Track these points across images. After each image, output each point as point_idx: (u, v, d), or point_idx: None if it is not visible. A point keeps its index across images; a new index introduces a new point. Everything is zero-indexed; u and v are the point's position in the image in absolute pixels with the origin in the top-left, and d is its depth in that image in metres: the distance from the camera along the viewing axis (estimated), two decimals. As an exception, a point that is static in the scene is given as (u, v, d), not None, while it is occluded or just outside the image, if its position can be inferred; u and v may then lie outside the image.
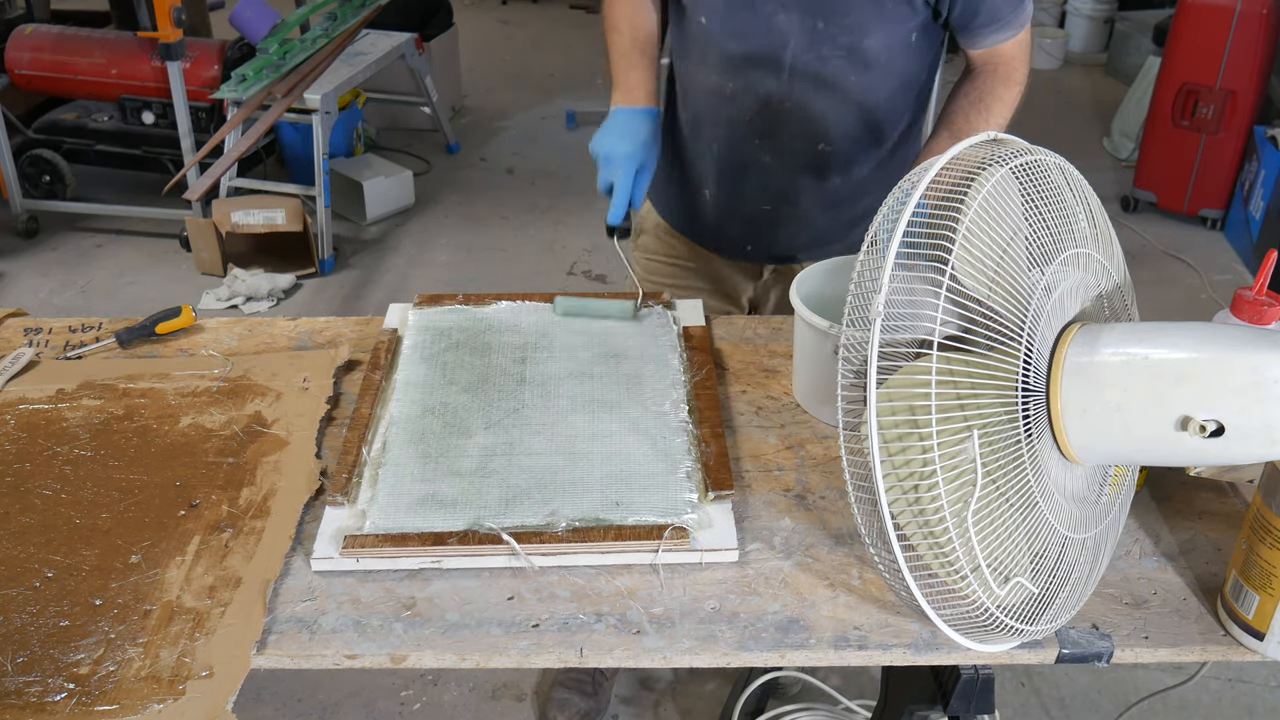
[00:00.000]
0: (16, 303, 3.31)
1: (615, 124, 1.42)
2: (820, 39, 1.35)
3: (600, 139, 1.41)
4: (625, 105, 1.44)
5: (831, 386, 1.10)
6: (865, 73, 1.39)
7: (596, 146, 1.41)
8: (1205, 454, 0.88)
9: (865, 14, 1.34)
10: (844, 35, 1.35)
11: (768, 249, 1.61)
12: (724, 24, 1.39)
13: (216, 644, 0.97)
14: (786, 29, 1.36)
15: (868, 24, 1.35)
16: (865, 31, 1.35)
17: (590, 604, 1.02)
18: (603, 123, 1.42)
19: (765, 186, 1.51)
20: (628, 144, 1.39)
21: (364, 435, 1.20)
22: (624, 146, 1.39)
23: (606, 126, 1.41)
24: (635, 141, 1.40)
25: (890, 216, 0.91)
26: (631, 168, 1.38)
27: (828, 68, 1.38)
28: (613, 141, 1.40)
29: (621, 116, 1.43)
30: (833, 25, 1.34)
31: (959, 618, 0.92)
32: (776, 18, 1.35)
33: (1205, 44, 3.68)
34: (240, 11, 3.70)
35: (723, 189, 1.54)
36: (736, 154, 1.50)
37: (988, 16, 1.37)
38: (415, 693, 2.07)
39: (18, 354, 1.37)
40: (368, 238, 3.84)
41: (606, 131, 1.41)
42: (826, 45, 1.36)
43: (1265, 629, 0.98)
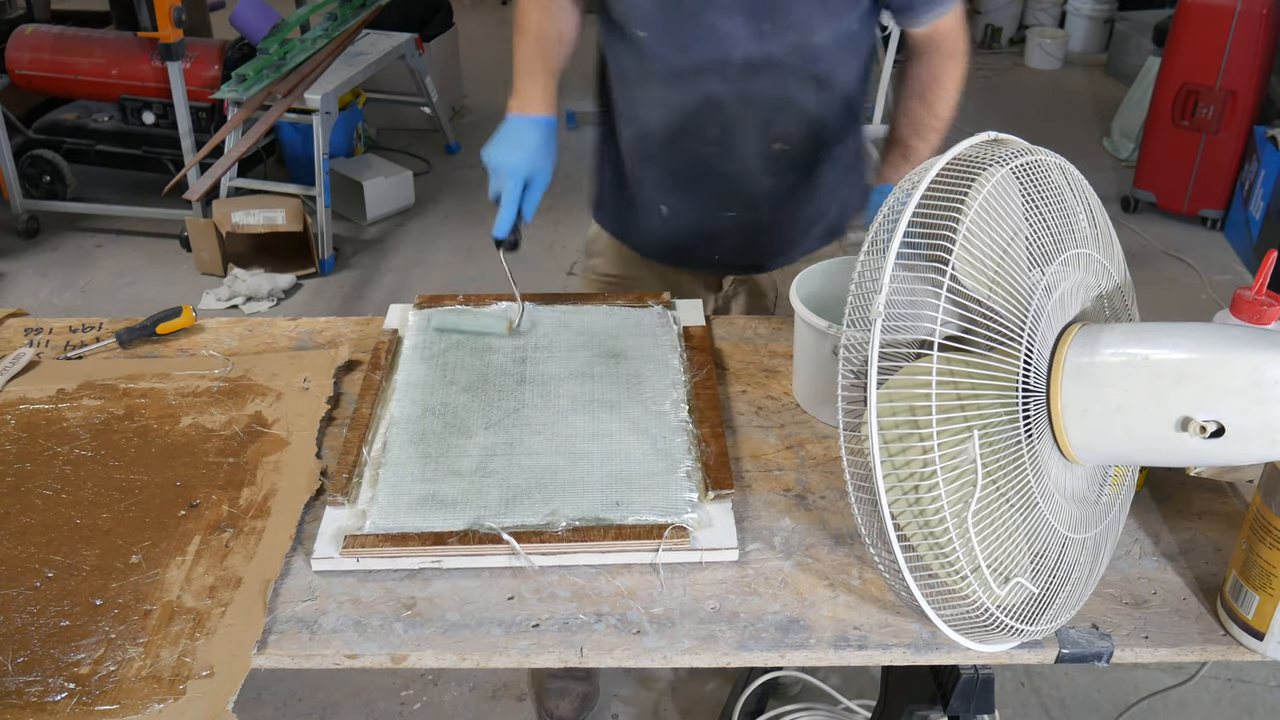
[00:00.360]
0: (17, 303, 3.31)
1: (506, 133, 1.38)
2: (767, 40, 1.34)
3: (490, 148, 1.37)
4: (518, 113, 1.40)
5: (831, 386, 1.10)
6: (814, 68, 1.38)
7: (486, 155, 1.37)
8: (1205, 454, 0.88)
9: (809, 10, 1.33)
10: (791, 33, 1.34)
11: (733, 258, 1.59)
12: (665, 36, 1.37)
13: (217, 644, 0.97)
14: (732, 34, 1.34)
15: (812, 20, 1.34)
16: (811, 28, 1.34)
17: (590, 604, 1.02)
18: (497, 130, 1.38)
19: (725, 193, 1.49)
20: (517, 154, 1.36)
21: (364, 435, 1.20)
22: (513, 156, 1.36)
23: (498, 135, 1.38)
24: (524, 151, 1.37)
25: (890, 216, 0.91)
26: (519, 178, 1.35)
27: (777, 67, 1.37)
28: (502, 151, 1.36)
29: (513, 125, 1.39)
30: (779, 24, 1.33)
31: (959, 618, 0.92)
32: (719, 24, 1.33)
33: (1205, 44, 3.68)
34: (240, 11, 3.70)
35: (680, 203, 1.52)
36: (692, 165, 1.47)
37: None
38: (415, 693, 2.07)
39: (18, 354, 1.37)
40: (368, 238, 3.84)
41: (497, 140, 1.38)
42: (774, 45, 1.35)
43: (1265, 629, 0.98)
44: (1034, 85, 5.42)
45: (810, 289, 1.30)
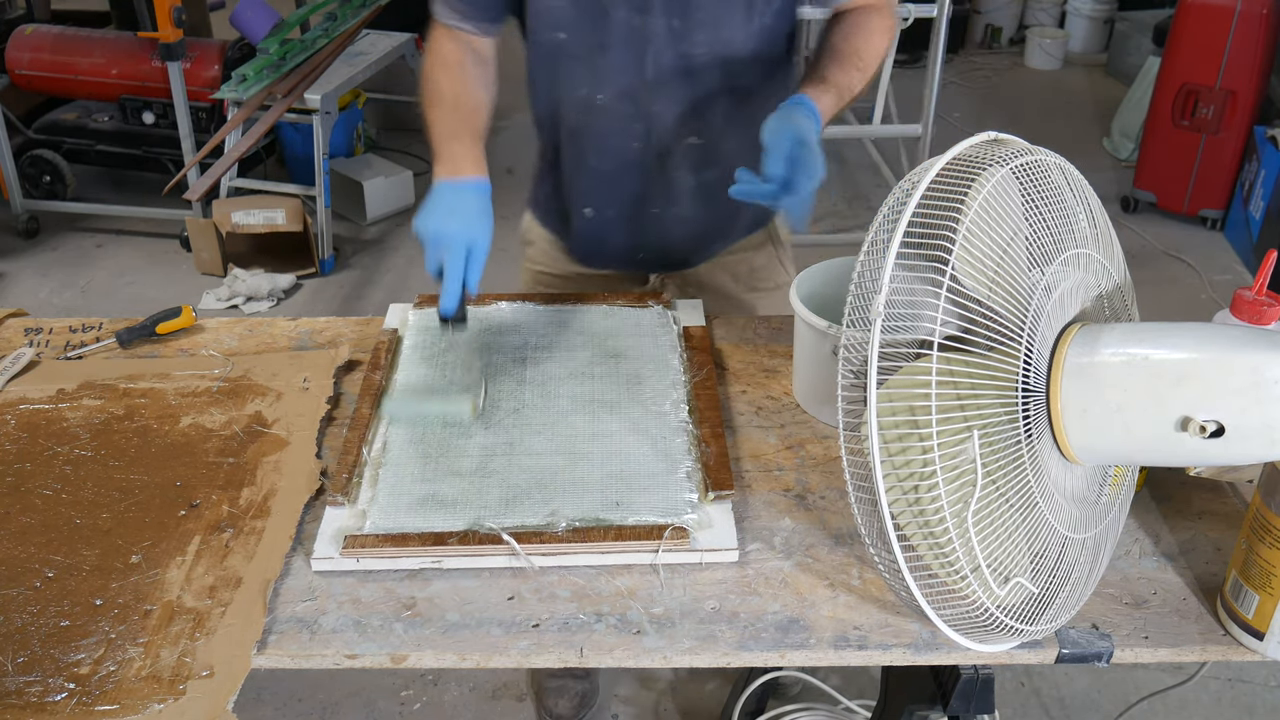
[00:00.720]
0: (17, 303, 3.31)
1: (440, 200, 1.27)
2: (679, 35, 1.34)
3: (425, 217, 1.26)
4: (449, 179, 1.30)
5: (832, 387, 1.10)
6: (728, 60, 1.38)
7: (421, 226, 1.26)
8: (1205, 454, 0.88)
9: (720, 5, 1.33)
10: (700, 30, 1.34)
11: (659, 256, 1.58)
12: (583, 37, 1.36)
13: (217, 644, 0.97)
14: (645, 30, 1.34)
15: (723, 14, 1.34)
16: (721, 22, 1.34)
17: (590, 604, 1.02)
18: (426, 200, 1.28)
19: (647, 192, 1.48)
20: (455, 221, 1.26)
21: (364, 435, 1.20)
22: (451, 225, 1.25)
23: (431, 204, 1.27)
24: (462, 218, 1.26)
25: (891, 217, 0.91)
26: (462, 249, 1.24)
27: (691, 62, 1.36)
28: (439, 219, 1.25)
29: (446, 192, 1.29)
30: (689, 20, 1.33)
31: (959, 618, 0.92)
32: (633, 21, 1.33)
33: (1205, 44, 3.68)
34: (240, 11, 3.70)
35: (605, 202, 1.50)
36: (614, 163, 1.46)
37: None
38: (415, 693, 2.07)
39: (18, 354, 1.37)
40: (368, 238, 3.84)
41: (431, 209, 1.26)
42: (686, 41, 1.35)
43: (1265, 629, 0.98)
44: (1034, 85, 5.42)
45: (810, 289, 1.30)
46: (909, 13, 3.40)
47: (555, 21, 1.36)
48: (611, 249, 1.57)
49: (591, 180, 1.49)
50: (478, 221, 1.27)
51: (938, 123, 3.70)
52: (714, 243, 1.57)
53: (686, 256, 1.59)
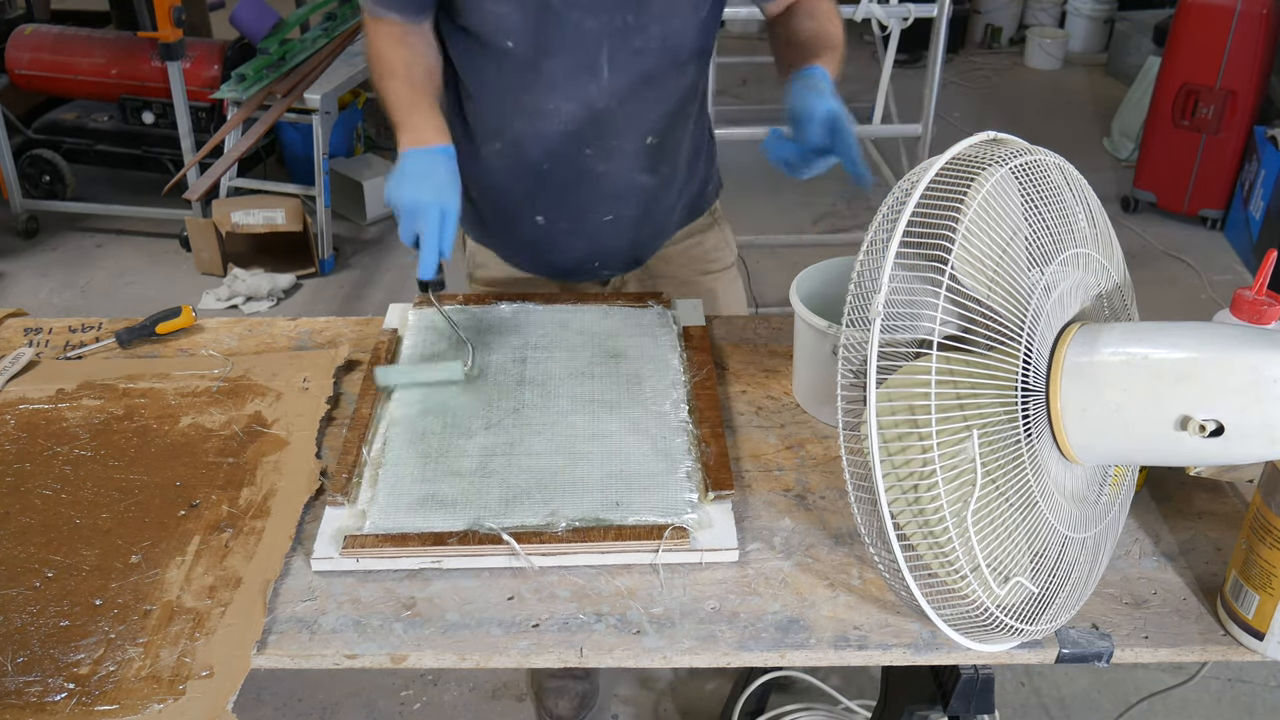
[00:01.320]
0: (16, 303, 3.31)
1: (409, 168, 1.28)
2: (632, 33, 1.33)
3: (398, 187, 1.27)
4: (415, 147, 1.30)
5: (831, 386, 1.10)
6: (676, 56, 1.38)
7: (394, 196, 1.26)
8: (1205, 454, 0.88)
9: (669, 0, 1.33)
10: (654, 24, 1.34)
11: (614, 260, 1.56)
12: (533, 43, 1.34)
13: (216, 644, 0.97)
14: (598, 32, 1.33)
15: (672, 7, 1.34)
16: (671, 14, 1.34)
17: (590, 604, 1.02)
18: (394, 170, 1.29)
19: (602, 196, 1.47)
20: (428, 189, 1.26)
21: (364, 435, 1.20)
22: (425, 192, 1.26)
23: (400, 172, 1.28)
24: (435, 185, 1.27)
25: (890, 216, 0.91)
26: (435, 214, 1.25)
27: (644, 60, 1.36)
28: (412, 188, 1.26)
29: (415, 159, 1.29)
30: (642, 16, 1.33)
31: (959, 618, 0.92)
32: (586, 22, 1.32)
33: (1205, 44, 3.68)
34: (240, 11, 3.70)
35: (557, 210, 1.48)
36: (568, 170, 1.44)
37: None
38: (415, 693, 2.07)
39: (18, 354, 1.37)
40: (368, 238, 3.84)
41: (401, 178, 1.27)
42: (639, 38, 1.34)
43: (1265, 629, 0.98)
44: (1034, 85, 5.42)
45: (810, 289, 1.30)
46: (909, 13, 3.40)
47: (502, 29, 1.33)
48: (564, 258, 1.55)
49: (542, 189, 1.46)
50: (448, 187, 1.28)
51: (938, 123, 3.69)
52: (666, 234, 1.57)
53: (639, 255, 1.58)
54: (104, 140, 3.81)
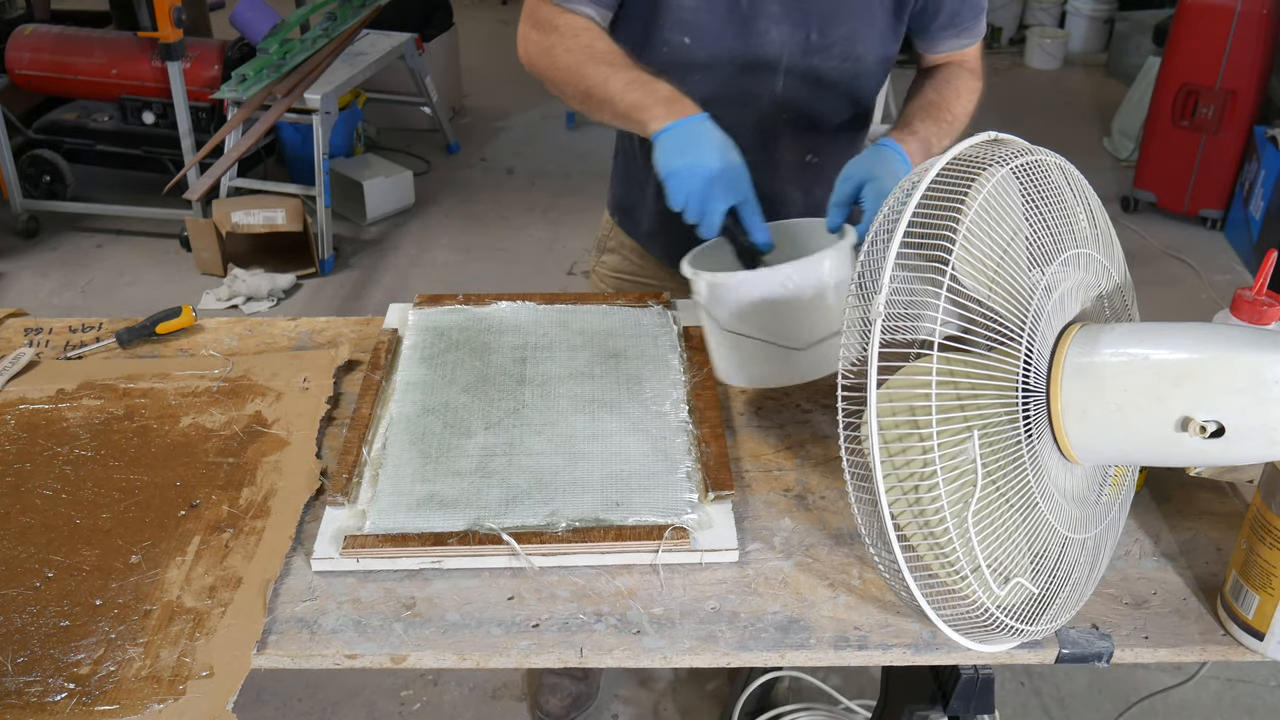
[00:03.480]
0: (16, 303, 3.31)
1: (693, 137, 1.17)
2: (813, 50, 1.34)
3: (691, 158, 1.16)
4: (683, 117, 1.20)
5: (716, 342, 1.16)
6: (852, 81, 1.38)
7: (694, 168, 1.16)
8: (1205, 454, 0.88)
9: (858, 24, 1.33)
10: (838, 45, 1.34)
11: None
12: (714, 43, 1.32)
13: (216, 644, 0.97)
14: (780, 43, 1.33)
15: (858, 32, 1.34)
16: (856, 39, 1.34)
17: (590, 604, 1.02)
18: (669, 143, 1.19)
19: None
20: (734, 153, 1.19)
21: (364, 435, 1.20)
22: (734, 156, 1.18)
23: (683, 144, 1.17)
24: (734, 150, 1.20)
25: (890, 216, 0.91)
26: (749, 178, 1.18)
27: (819, 79, 1.36)
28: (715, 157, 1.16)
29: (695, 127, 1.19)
30: (826, 36, 1.33)
31: (959, 618, 0.92)
32: (770, 31, 1.32)
33: (1205, 44, 3.69)
34: (240, 11, 3.70)
35: None
36: None
37: (946, 19, 1.37)
38: (415, 693, 2.07)
39: (18, 354, 1.37)
40: (368, 238, 3.84)
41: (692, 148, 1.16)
42: (819, 56, 1.34)
43: (1265, 629, 0.98)
44: (1034, 85, 5.42)
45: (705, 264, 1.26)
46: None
47: (684, 24, 1.31)
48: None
49: None
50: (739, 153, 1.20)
51: (938, 123, 3.69)
52: None
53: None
54: (104, 140, 3.81)
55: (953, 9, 1.37)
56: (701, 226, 1.19)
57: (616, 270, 1.66)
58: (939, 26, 1.38)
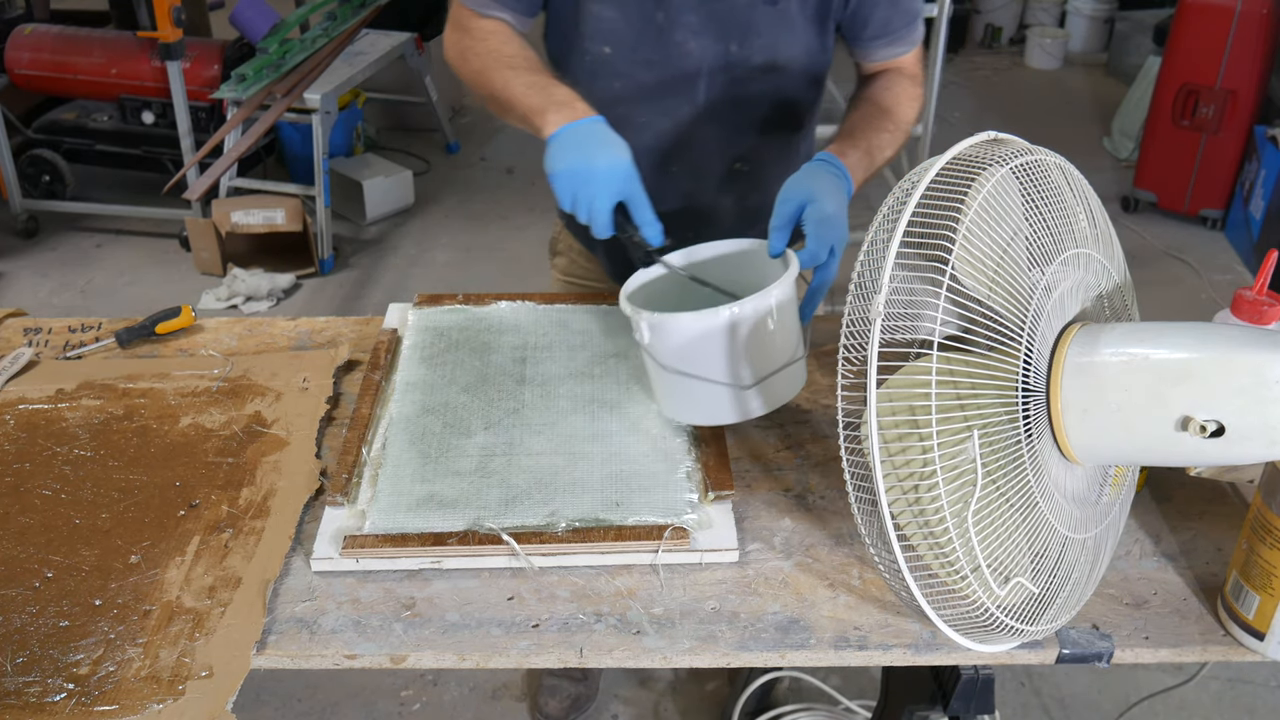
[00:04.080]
0: (16, 303, 3.31)
1: (584, 138, 1.17)
2: (734, 62, 1.33)
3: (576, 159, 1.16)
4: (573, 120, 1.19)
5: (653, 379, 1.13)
6: (777, 91, 1.37)
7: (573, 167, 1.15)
8: (1205, 454, 0.88)
9: (778, 35, 1.32)
10: (757, 56, 1.33)
11: None
12: (632, 53, 1.32)
13: (216, 644, 0.97)
14: (699, 54, 1.32)
15: (779, 42, 1.32)
16: (778, 49, 1.33)
17: (590, 604, 1.02)
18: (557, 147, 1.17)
19: (685, 212, 1.43)
20: (620, 150, 1.17)
21: (364, 435, 1.20)
22: (623, 154, 1.17)
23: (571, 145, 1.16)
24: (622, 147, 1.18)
25: (890, 217, 0.91)
26: (637, 175, 1.17)
27: (743, 89, 1.35)
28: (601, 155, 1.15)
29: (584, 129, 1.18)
30: (747, 47, 1.31)
31: (959, 618, 0.92)
32: (689, 43, 1.31)
33: (1205, 44, 3.68)
34: (240, 11, 3.70)
35: None
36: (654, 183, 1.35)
37: (877, 29, 1.36)
38: (415, 693, 2.07)
39: (17, 354, 1.36)
40: (368, 238, 3.84)
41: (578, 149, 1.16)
42: (740, 67, 1.33)
43: (1265, 629, 0.98)
44: (1034, 85, 5.42)
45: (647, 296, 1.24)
46: (909, 12, 3.39)
47: (603, 34, 1.32)
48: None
49: None
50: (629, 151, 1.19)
51: (938, 123, 3.70)
52: None
53: None
54: (104, 140, 3.81)
55: (884, 18, 1.35)
56: (593, 226, 1.18)
57: (566, 273, 1.64)
58: (871, 36, 1.37)
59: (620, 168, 1.17)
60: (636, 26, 1.30)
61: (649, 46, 1.32)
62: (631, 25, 1.31)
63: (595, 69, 1.35)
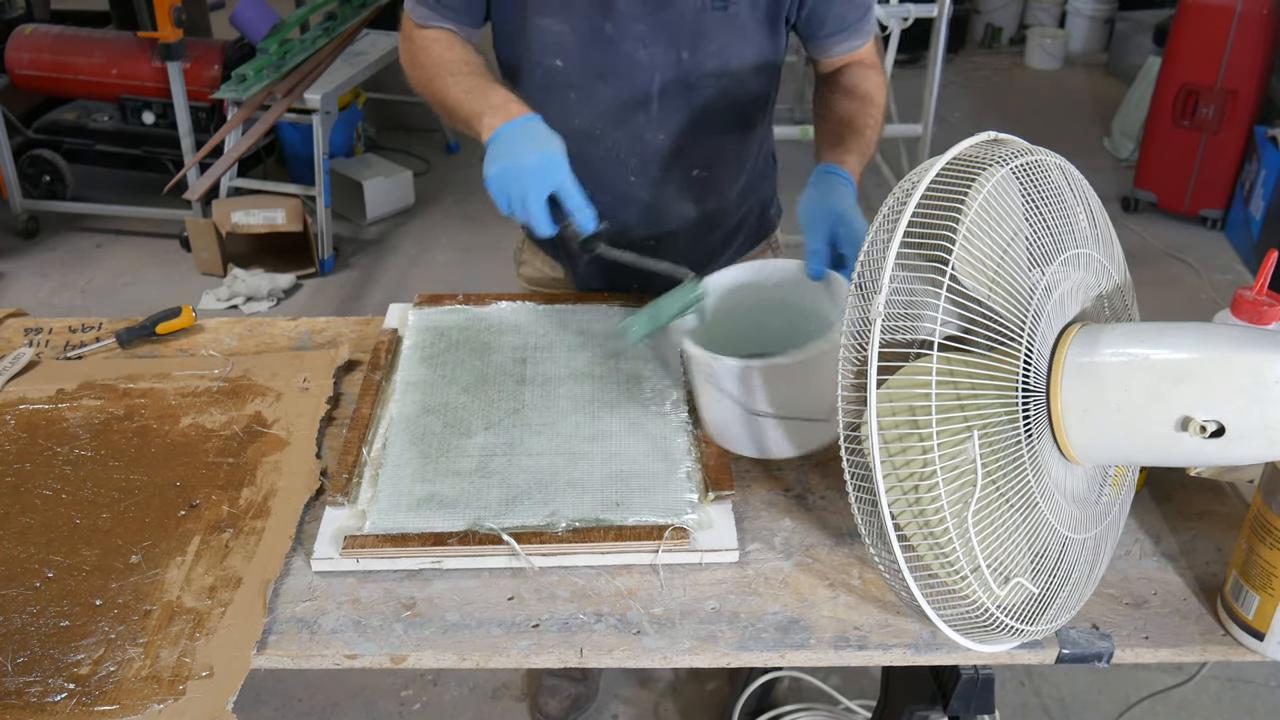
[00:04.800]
0: (16, 303, 3.31)
1: (515, 137, 1.18)
2: (686, 69, 1.32)
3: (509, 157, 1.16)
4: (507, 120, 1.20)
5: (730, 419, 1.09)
6: (732, 96, 1.37)
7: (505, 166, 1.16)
8: (1205, 454, 0.88)
9: (729, 39, 1.31)
10: (710, 62, 1.32)
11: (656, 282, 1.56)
12: (582, 65, 1.32)
13: (216, 644, 0.97)
14: (650, 64, 1.31)
15: (730, 47, 1.32)
16: (729, 54, 1.33)
17: (590, 604, 1.02)
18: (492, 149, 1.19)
19: (645, 221, 1.45)
20: (551, 144, 1.18)
21: (364, 435, 1.20)
22: (550, 147, 1.18)
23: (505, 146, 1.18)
24: (554, 141, 1.19)
25: (890, 216, 0.91)
26: (566, 165, 1.17)
27: (696, 96, 1.35)
28: (530, 151, 1.16)
29: (516, 128, 1.19)
30: (698, 53, 1.31)
31: (959, 618, 0.92)
32: (638, 53, 1.30)
33: (1205, 44, 3.68)
34: (240, 11, 3.70)
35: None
36: (612, 194, 1.39)
37: (835, 25, 1.36)
38: (415, 693, 2.07)
39: (18, 354, 1.37)
40: (368, 238, 3.84)
41: (509, 148, 1.17)
42: (693, 74, 1.33)
43: (1265, 629, 0.98)
44: (1034, 85, 5.42)
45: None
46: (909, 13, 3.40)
47: (552, 47, 1.32)
48: (608, 276, 1.53)
49: None
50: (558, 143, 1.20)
51: (938, 123, 3.70)
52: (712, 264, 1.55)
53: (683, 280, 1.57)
54: (104, 140, 3.81)
55: (839, 14, 1.36)
56: (532, 224, 1.18)
57: (533, 282, 1.63)
58: (828, 33, 1.37)
59: (547, 160, 1.17)
60: (585, 39, 1.30)
61: (599, 58, 1.31)
62: (580, 37, 1.30)
63: (548, 81, 1.34)
